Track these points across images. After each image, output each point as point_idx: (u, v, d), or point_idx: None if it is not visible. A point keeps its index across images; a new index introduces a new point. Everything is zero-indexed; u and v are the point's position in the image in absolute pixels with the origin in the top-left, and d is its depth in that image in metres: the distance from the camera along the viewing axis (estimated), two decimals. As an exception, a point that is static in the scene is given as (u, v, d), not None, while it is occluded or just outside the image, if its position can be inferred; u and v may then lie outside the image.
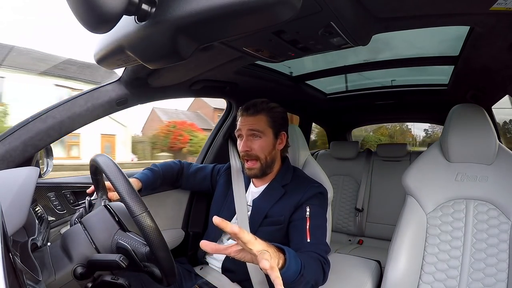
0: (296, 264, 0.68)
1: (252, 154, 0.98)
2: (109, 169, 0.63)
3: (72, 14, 0.42)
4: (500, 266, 0.89)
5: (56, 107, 0.90)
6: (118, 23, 0.43)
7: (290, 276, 0.67)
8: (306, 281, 0.73)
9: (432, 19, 0.74)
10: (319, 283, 0.81)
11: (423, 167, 1.06)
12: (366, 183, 2.11)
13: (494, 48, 0.90)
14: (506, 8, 0.63)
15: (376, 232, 2.00)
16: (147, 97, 1.11)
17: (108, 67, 0.68)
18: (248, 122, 0.99)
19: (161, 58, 0.52)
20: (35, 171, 0.70)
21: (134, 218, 0.57)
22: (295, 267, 0.68)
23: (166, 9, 0.43)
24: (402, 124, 15.95)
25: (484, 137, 0.96)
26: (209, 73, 1.07)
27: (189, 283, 1.00)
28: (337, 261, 1.09)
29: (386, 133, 16.13)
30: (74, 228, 0.68)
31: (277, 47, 0.78)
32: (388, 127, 17.29)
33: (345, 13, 0.63)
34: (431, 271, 0.96)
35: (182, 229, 1.35)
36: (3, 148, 0.82)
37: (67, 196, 1.04)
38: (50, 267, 0.59)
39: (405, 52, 1.32)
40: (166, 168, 1.17)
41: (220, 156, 1.49)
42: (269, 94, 1.17)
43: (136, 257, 0.62)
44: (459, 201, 0.99)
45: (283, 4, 0.40)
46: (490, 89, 1.39)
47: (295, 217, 0.93)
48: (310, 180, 1.04)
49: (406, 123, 16.38)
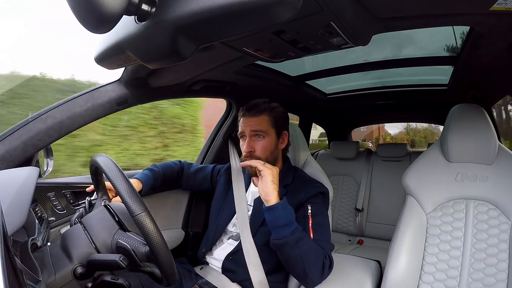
0: (289, 216, 0.83)
1: (255, 155, 0.98)
2: (109, 170, 0.63)
3: (72, 14, 0.42)
4: (500, 266, 0.89)
5: (56, 107, 0.90)
6: (118, 23, 0.43)
7: (281, 221, 0.82)
8: (296, 252, 0.81)
9: (432, 19, 0.74)
10: (313, 273, 0.83)
11: (423, 167, 1.06)
12: (366, 183, 2.11)
13: (494, 48, 0.90)
14: (506, 8, 0.63)
15: (376, 232, 2.00)
16: (147, 97, 1.11)
17: (108, 67, 0.68)
18: (250, 123, 0.99)
19: (161, 58, 0.52)
20: (35, 171, 0.70)
21: (134, 217, 0.57)
22: (286, 216, 0.83)
23: (166, 9, 0.43)
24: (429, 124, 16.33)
25: (484, 137, 0.96)
26: (209, 73, 1.07)
27: (189, 283, 1.00)
28: (337, 261, 1.09)
29: (423, 135, 16.80)
30: (74, 228, 0.68)
31: (277, 47, 0.78)
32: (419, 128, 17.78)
33: (345, 13, 0.63)
34: (431, 271, 0.96)
35: (182, 229, 1.35)
36: (3, 148, 0.82)
37: (67, 196, 1.04)
38: (50, 267, 0.59)
39: (405, 52, 1.32)
40: (166, 169, 1.17)
41: (220, 156, 1.49)
42: (269, 94, 1.17)
43: (136, 257, 0.62)
44: (459, 201, 0.98)
45: (283, 4, 0.40)
46: (490, 89, 1.39)
47: (297, 215, 0.93)
48: (311, 180, 1.04)
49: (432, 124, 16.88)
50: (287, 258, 0.84)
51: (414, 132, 18.35)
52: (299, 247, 0.81)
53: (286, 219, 0.82)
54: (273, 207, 0.83)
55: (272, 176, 0.85)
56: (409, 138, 16.75)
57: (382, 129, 15.42)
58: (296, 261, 0.83)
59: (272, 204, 0.83)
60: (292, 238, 0.81)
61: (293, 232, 0.81)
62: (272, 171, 0.86)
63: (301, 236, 0.83)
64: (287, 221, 0.82)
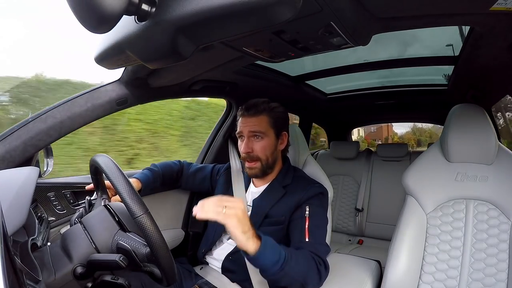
0: (274, 255, 0.73)
1: (254, 155, 0.97)
2: (109, 170, 0.63)
3: (72, 14, 0.42)
4: (500, 266, 0.89)
5: (56, 107, 0.90)
6: (118, 23, 0.43)
7: (267, 265, 0.72)
8: (290, 277, 0.76)
9: (432, 19, 0.74)
10: (310, 283, 0.80)
11: (423, 167, 1.06)
12: (366, 183, 2.11)
13: (494, 48, 0.90)
14: (506, 8, 0.63)
15: (376, 232, 2.00)
16: (147, 97, 1.11)
17: (108, 67, 0.68)
18: (249, 123, 0.97)
19: (161, 58, 0.52)
20: (35, 171, 0.70)
21: (135, 219, 0.57)
22: (271, 257, 0.72)
23: (166, 9, 0.43)
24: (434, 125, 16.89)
25: (484, 137, 0.96)
26: (209, 73, 1.07)
27: (189, 283, 1.00)
28: (337, 261, 1.09)
29: (428, 134, 17.09)
30: (74, 228, 0.68)
31: (277, 47, 0.78)
32: (425, 128, 18.05)
33: (345, 13, 0.63)
34: (431, 271, 0.96)
35: (182, 229, 1.35)
36: (3, 148, 0.82)
37: (67, 196, 1.04)
38: (50, 267, 0.59)
39: (405, 52, 1.32)
40: (166, 168, 1.17)
41: (220, 156, 1.49)
42: (269, 94, 1.17)
43: (137, 257, 0.62)
44: (459, 201, 0.99)
45: (283, 4, 0.40)
46: (490, 89, 1.39)
47: (294, 216, 0.93)
48: (311, 180, 1.04)
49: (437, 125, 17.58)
50: (282, 285, 0.79)
51: (420, 132, 18.61)
52: (293, 274, 0.76)
53: (271, 260, 0.72)
54: (254, 257, 0.70)
55: (235, 222, 0.68)
56: (415, 138, 16.96)
57: (390, 129, 15.83)
58: (292, 282, 0.78)
59: (252, 254, 0.70)
60: (284, 272, 0.73)
61: (282, 267, 0.73)
62: (231, 218, 0.68)
63: (291, 263, 0.75)
64: (274, 261, 0.72)
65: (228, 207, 0.68)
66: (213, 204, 0.69)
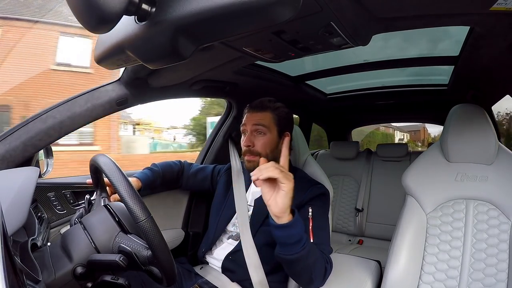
0: (302, 230, 0.74)
1: (254, 150, 0.98)
2: (110, 171, 0.62)
3: (72, 14, 0.42)
4: (500, 266, 0.89)
5: (56, 107, 0.91)
6: (118, 23, 0.43)
7: (295, 236, 0.73)
8: (304, 262, 0.76)
9: (432, 19, 0.74)
10: (316, 277, 0.81)
11: (423, 167, 1.06)
12: (366, 183, 2.11)
13: (494, 48, 0.90)
14: (506, 8, 0.63)
15: (376, 232, 2.00)
16: (147, 97, 1.11)
17: (108, 67, 0.68)
18: (254, 117, 1.00)
19: (161, 58, 0.52)
20: (35, 171, 0.70)
21: (138, 223, 0.57)
22: (300, 230, 0.74)
23: (166, 9, 0.43)
24: None
25: (484, 137, 0.96)
26: (209, 73, 1.07)
27: (189, 283, 1.00)
28: (337, 261, 1.08)
29: None
30: (74, 228, 0.68)
31: (277, 47, 0.78)
32: None
33: (345, 13, 0.63)
34: (431, 271, 0.96)
35: (182, 229, 1.35)
36: (3, 148, 0.82)
37: (67, 196, 1.05)
38: (50, 267, 0.59)
39: (405, 52, 1.32)
40: (166, 168, 1.17)
41: (220, 156, 1.49)
42: (269, 94, 1.16)
43: (138, 260, 0.62)
44: (459, 201, 0.98)
45: (283, 4, 0.40)
46: (490, 89, 1.39)
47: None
48: (312, 181, 1.04)
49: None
50: (294, 271, 0.80)
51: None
52: (309, 259, 0.76)
53: (298, 235, 0.73)
54: (286, 225, 0.72)
55: (292, 186, 0.71)
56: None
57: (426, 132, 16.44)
58: (304, 272, 0.79)
59: (285, 222, 0.72)
60: (304, 252, 0.74)
61: (304, 245, 0.74)
62: (290, 181, 0.71)
63: (310, 248, 0.76)
64: (299, 237, 0.74)
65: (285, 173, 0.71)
66: (271, 165, 0.71)
